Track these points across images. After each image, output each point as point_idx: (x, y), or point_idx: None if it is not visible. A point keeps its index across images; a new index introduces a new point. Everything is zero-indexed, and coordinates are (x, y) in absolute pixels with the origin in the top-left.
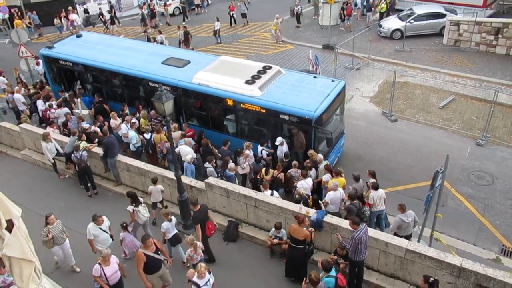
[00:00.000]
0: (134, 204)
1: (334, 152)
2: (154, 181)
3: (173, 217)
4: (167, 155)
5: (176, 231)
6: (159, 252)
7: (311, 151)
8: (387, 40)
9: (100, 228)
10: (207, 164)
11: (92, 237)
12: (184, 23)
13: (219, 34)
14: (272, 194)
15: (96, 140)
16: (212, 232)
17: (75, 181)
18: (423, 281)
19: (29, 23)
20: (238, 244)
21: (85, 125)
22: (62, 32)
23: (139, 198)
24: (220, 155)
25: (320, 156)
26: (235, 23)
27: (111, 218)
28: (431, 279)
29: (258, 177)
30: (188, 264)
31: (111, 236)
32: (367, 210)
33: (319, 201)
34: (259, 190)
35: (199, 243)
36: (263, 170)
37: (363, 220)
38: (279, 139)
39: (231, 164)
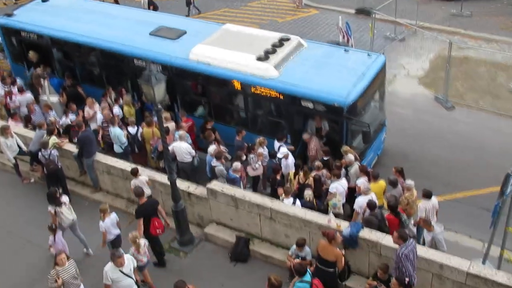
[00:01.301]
0: (54, 204)
1: (373, 150)
2: (134, 173)
3: (113, 214)
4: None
5: (119, 231)
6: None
7: (345, 148)
8: (439, 2)
9: (121, 271)
10: (214, 162)
11: (110, 282)
12: None
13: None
14: (294, 203)
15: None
16: (158, 231)
17: (43, 187)
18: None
19: None
20: (249, 265)
21: (53, 117)
22: None
23: (62, 196)
24: (225, 150)
25: (351, 157)
26: None
27: (88, 233)
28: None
29: (278, 177)
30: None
31: (137, 283)
32: (407, 220)
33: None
34: (277, 194)
35: (144, 241)
36: (291, 172)
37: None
38: (282, 151)
39: (235, 164)
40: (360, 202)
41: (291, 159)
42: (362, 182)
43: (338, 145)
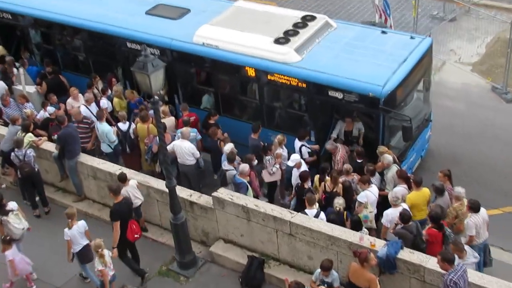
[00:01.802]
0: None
1: (415, 150)
2: (123, 179)
3: (82, 222)
4: (160, 155)
5: (87, 241)
6: None
7: (382, 148)
8: None
9: None
10: (226, 165)
11: None
12: None
13: None
14: (317, 216)
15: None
16: (136, 236)
17: (17, 193)
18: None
19: None
20: None
21: (30, 109)
22: None
23: (7, 204)
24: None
25: (388, 157)
26: None
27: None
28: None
29: (306, 186)
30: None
31: None
32: (451, 234)
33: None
34: (304, 206)
35: (107, 252)
36: (317, 178)
37: None
38: (294, 158)
39: (243, 166)
40: (389, 215)
41: (304, 168)
42: (400, 190)
43: (373, 144)
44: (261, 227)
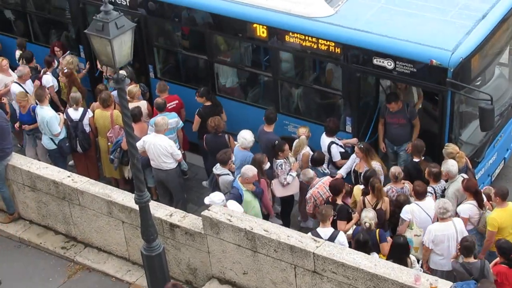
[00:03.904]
0: None
1: (497, 149)
2: None
3: None
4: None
5: None
6: None
7: (451, 148)
8: None
9: None
10: (219, 168)
11: None
12: None
13: None
14: (332, 238)
15: None
16: None
17: None
18: None
19: None
20: None
21: None
22: None
23: None
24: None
25: (451, 166)
26: None
27: None
28: None
29: (339, 201)
30: None
31: None
32: None
33: None
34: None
35: None
36: (357, 189)
37: None
38: (307, 174)
39: (247, 168)
40: (432, 232)
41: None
42: (467, 209)
43: (433, 138)
44: (272, 261)
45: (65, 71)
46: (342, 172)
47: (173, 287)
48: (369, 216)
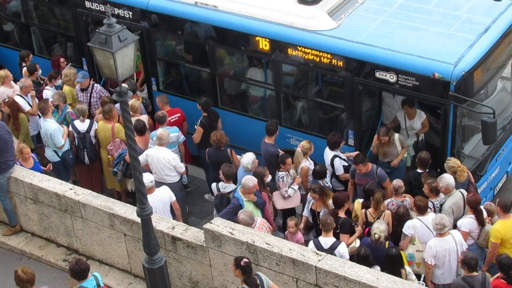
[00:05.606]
0: None
1: (500, 162)
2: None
3: None
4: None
5: None
6: None
7: (452, 162)
8: None
9: None
10: (223, 186)
11: None
12: None
13: None
14: (333, 247)
15: None
16: None
17: None
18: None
19: None
20: None
21: None
22: None
23: None
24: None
25: (448, 180)
26: None
27: None
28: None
29: (341, 214)
30: None
31: None
32: None
33: None
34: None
35: None
36: (357, 203)
37: None
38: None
39: (247, 179)
40: (433, 248)
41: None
42: (468, 223)
43: (436, 150)
44: (274, 274)
45: (6, 100)
46: (305, 214)
47: None
48: (380, 228)
